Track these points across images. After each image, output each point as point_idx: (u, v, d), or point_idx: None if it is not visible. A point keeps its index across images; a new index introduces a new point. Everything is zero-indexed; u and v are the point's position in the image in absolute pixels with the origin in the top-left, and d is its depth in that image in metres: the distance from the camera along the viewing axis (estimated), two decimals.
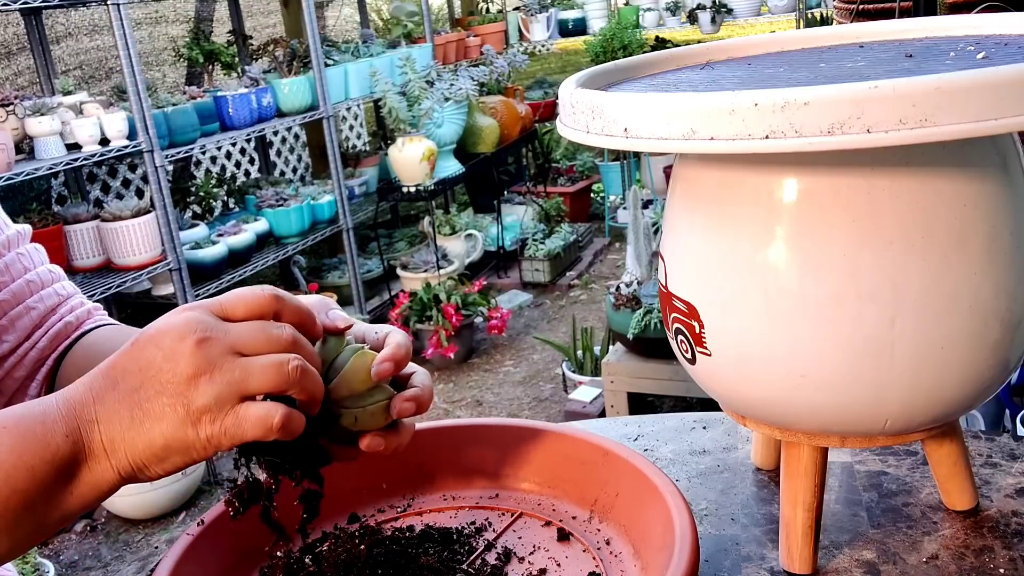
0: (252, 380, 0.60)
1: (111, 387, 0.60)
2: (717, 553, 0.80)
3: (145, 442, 0.60)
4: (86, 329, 0.90)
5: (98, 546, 3.03)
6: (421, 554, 0.75)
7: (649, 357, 3.14)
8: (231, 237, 3.85)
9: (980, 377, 0.68)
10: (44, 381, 0.87)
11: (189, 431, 0.59)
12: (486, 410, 3.75)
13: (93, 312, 0.94)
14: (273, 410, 0.60)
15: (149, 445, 0.60)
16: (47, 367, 0.87)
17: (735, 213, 0.69)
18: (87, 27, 4.94)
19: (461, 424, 0.90)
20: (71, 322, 0.90)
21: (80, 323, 0.91)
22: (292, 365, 0.60)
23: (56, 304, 0.90)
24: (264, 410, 0.60)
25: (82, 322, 0.91)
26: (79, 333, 0.90)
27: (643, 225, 3.28)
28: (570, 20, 6.51)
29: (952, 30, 0.83)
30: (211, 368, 0.59)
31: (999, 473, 0.86)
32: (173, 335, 0.59)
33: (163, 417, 0.59)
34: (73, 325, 0.90)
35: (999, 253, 0.65)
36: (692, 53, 0.89)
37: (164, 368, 0.59)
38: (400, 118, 4.44)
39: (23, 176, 3.00)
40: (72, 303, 0.92)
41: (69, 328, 0.89)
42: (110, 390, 0.60)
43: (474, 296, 4.18)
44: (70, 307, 0.91)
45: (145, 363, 0.60)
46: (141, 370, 0.60)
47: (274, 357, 0.61)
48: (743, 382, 0.72)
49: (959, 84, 0.54)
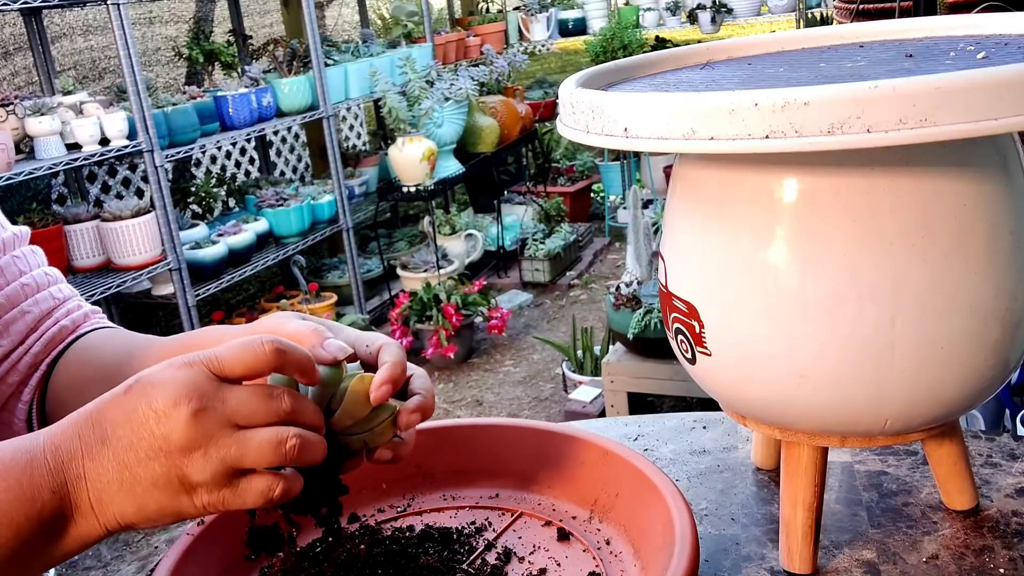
0: (248, 458, 0.58)
1: (100, 442, 0.58)
2: (717, 553, 0.80)
3: (135, 506, 0.58)
4: (81, 332, 0.89)
5: (98, 546, 3.02)
6: (421, 554, 0.75)
7: (649, 357, 3.14)
8: (231, 237, 3.86)
9: (980, 377, 0.68)
10: (38, 386, 0.86)
11: (183, 500, 0.58)
12: (486, 410, 3.75)
13: (91, 315, 0.92)
14: (273, 483, 0.59)
15: (140, 509, 0.58)
16: (41, 371, 0.86)
17: (735, 213, 0.69)
18: (81, 28, 4.94)
19: (461, 424, 0.90)
20: (67, 326, 0.89)
21: (76, 327, 0.90)
22: (290, 444, 0.59)
23: (52, 308, 0.89)
24: (265, 484, 0.59)
25: (78, 325, 0.90)
26: (74, 337, 0.89)
27: (643, 225, 3.28)
28: (570, 20, 6.51)
29: (952, 30, 0.83)
30: (206, 442, 0.57)
31: (999, 473, 0.86)
32: (168, 398, 0.57)
33: (156, 485, 0.58)
34: (69, 329, 0.89)
35: (999, 253, 0.65)
36: (692, 53, 0.89)
37: (156, 433, 0.57)
38: (400, 118, 4.44)
39: (23, 176, 3.00)
40: (69, 306, 0.90)
41: (64, 332, 0.88)
42: (99, 446, 0.58)
43: (474, 296, 4.18)
44: (66, 310, 0.90)
45: (137, 422, 0.58)
46: (133, 430, 0.58)
47: (271, 434, 0.59)
48: (743, 382, 0.72)
49: (959, 84, 0.54)
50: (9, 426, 0.86)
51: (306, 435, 0.60)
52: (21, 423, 0.86)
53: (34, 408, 0.86)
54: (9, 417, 0.86)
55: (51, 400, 0.85)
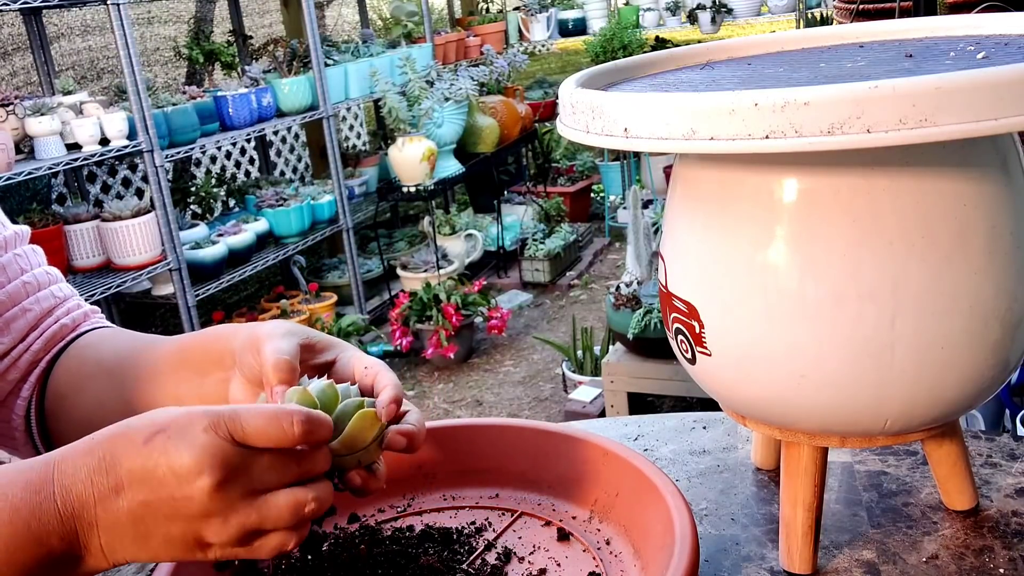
0: (268, 523, 0.59)
1: (114, 491, 0.57)
2: (717, 553, 0.80)
3: (148, 555, 0.59)
4: (81, 331, 0.90)
5: None
6: (421, 554, 0.75)
7: (649, 357, 3.14)
8: (231, 237, 3.86)
9: (980, 377, 0.68)
10: (37, 383, 0.86)
11: (197, 554, 0.59)
12: (486, 410, 3.75)
13: (90, 315, 0.93)
14: (287, 540, 0.60)
15: (153, 557, 0.59)
16: (40, 369, 0.86)
17: (735, 213, 0.69)
18: (79, 28, 4.94)
19: (461, 424, 0.90)
20: (67, 324, 0.89)
21: (76, 325, 0.90)
22: (308, 510, 0.60)
23: (52, 306, 0.89)
24: (279, 541, 0.60)
25: (78, 324, 0.90)
26: (74, 335, 0.89)
27: (643, 225, 3.28)
28: (570, 20, 6.52)
29: (952, 30, 0.83)
30: (227, 511, 0.57)
31: (999, 473, 0.86)
32: (191, 465, 0.56)
33: (170, 543, 0.58)
34: (69, 328, 0.89)
35: (999, 253, 0.65)
36: (692, 53, 0.89)
37: (177, 498, 0.56)
38: (400, 118, 4.44)
39: (23, 176, 3.00)
40: (69, 305, 0.91)
41: (64, 330, 0.89)
42: (113, 496, 0.57)
43: (474, 296, 4.18)
44: (66, 309, 0.90)
45: (156, 482, 0.57)
46: (152, 489, 0.57)
47: (291, 500, 0.59)
48: (743, 382, 0.72)
49: (959, 84, 0.54)
50: (7, 422, 0.87)
51: (322, 498, 0.61)
52: (19, 419, 0.86)
53: (32, 405, 0.86)
54: (8, 414, 0.86)
55: (50, 397, 0.86)
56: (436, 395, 3.97)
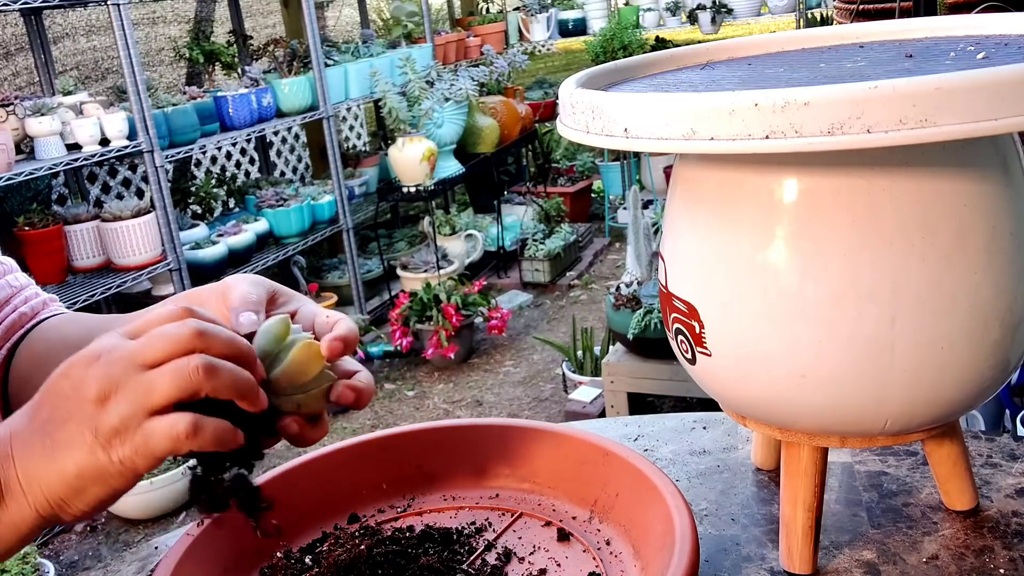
0: (156, 393, 0.56)
1: (27, 422, 0.59)
2: (717, 553, 0.80)
3: (58, 473, 0.57)
4: (41, 319, 0.89)
5: (98, 546, 3.03)
6: (421, 554, 0.75)
7: (649, 357, 3.14)
8: (231, 237, 3.86)
9: (980, 377, 0.68)
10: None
11: (100, 456, 0.57)
12: (486, 410, 3.75)
13: (49, 303, 0.92)
14: (179, 420, 0.56)
15: (62, 475, 0.57)
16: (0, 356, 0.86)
17: (735, 213, 0.69)
18: (83, 28, 4.94)
19: (461, 424, 0.90)
20: (26, 312, 0.88)
21: (35, 314, 0.89)
22: (193, 366, 0.56)
23: (9, 296, 0.88)
24: (169, 421, 0.56)
25: (37, 312, 0.89)
26: (34, 323, 0.88)
27: (643, 225, 3.28)
28: (570, 20, 6.52)
29: (952, 30, 0.83)
30: (116, 388, 0.57)
31: (999, 473, 0.86)
32: (80, 363, 0.58)
33: (72, 444, 0.57)
34: (27, 315, 0.88)
35: (999, 253, 0.65)
36: (692, 53, 0.89)
37: (71, 396, 0.57)
38: (400, 118, 4.44)
39: (23, 176, 3.00)
40: (26, 294, 0.90)
41: (23, 319, 0.88)
42: (25, 425, 0.59)
43: (474, 296, 4.18)
44: (24, 298, 0.89)
45: (54, 393, 0.59)
46: (52, 401, 0.58)
47: (175, 362, 0.57)
48: (743, 382, 0.72)
49: (959, 84, 0.54)
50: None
51: (214, 360, 0.58)
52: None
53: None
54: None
55: (14, 381, 0.85)
56: (436, 395, 3.97)
